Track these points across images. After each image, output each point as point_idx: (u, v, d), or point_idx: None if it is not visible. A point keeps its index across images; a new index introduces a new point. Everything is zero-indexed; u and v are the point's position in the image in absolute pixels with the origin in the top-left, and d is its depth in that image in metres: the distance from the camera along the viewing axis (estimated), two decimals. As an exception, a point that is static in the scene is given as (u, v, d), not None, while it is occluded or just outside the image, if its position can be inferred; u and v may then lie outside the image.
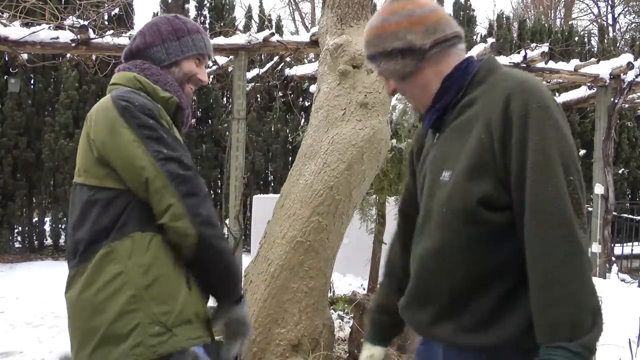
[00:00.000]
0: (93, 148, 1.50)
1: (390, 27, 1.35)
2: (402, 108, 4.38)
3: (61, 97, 8.06)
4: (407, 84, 1.38)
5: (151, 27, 1.70)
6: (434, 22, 1.34)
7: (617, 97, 7.30)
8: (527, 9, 22.29)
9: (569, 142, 1.20)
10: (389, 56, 1.35)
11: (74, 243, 1.48)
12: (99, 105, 1.52)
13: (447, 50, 1.35)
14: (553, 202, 1.16)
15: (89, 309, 1.40)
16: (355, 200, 3.35)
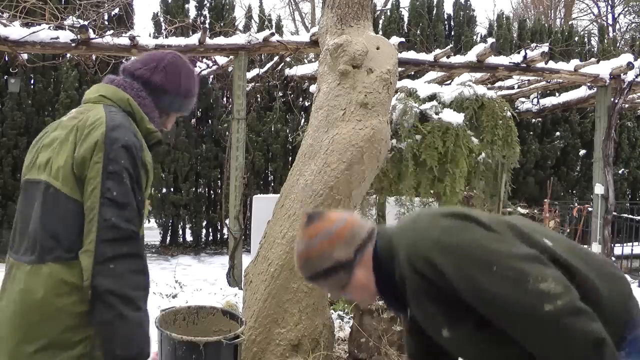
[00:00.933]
0: (72, 162, 1.54)
1: (315, 251, 1.50)
2: (402, 108, 4.38)
3: (61, 97, 8.06)
4: (349, 290, 1.54)
5: (174, 73, 1.82)
6: (349, 232, 1.51)
7: (617, 97, 7.30)
8: (527, 9, 22.29)
9: (497, 248, 1.36)
10: (324, 275, 1.51)
11: (39, 238, 1.52)
12: (92, 125, 1.57)
13: (368, 249, 1.52)
14: (562, 331, 1.32)
15: (42, 307, 1.48)
16: (355, 200, 3.35)
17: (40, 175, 1.58)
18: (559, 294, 1.26)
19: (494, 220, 1.46)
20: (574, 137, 10.37)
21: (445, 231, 1.40)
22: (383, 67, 3.38)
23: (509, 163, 4.75)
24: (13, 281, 1.55)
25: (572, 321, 1.25)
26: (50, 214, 1.53)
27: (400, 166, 4.30)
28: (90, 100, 1.73)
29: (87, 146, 1.52)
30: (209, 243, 9.28)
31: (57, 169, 1.55)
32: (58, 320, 1.49)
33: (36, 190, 1.58)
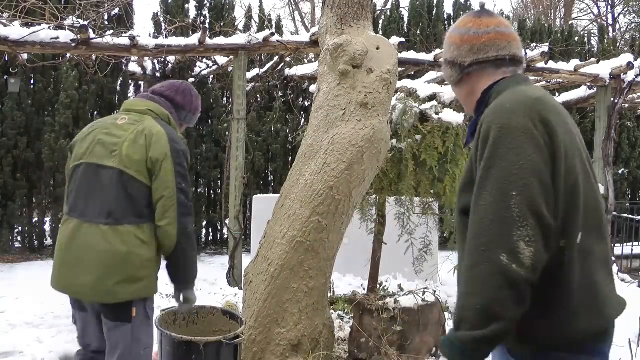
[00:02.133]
0: (147, 159, 2.28)
1: (450, 40, 1.62)
2: (402, 108, 4.38)
3: (61, 97, 8.05)
4: (456, 89, 1.65)
5: (188, 96, 2.59)
6: (481, 43, 1.54)
7: (617, 97, 7.30)
8: (527, 9, 22.29)
9: (518, 160, 1.28)
10: (445, 63, 1.64)
11: (118, 207, 2.26)
12: (157, 136, 2.31)
13: (487, 69, 1.54)
14: (477, 216, 1.31)
15: (120, 255, 2.25)
16: (355, 200, 3.35)
17: (108, 162, 2.28)
18: (530, 241, 1.25)
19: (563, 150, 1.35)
20: (574, 137, 10.38)
21: (521, 131, 1.31)
22: (383, 67, 3.38)
23: (509, 163, 4.75)
24: (86, 235, 2.26)
25: (490, 248, 1.26)
26: (124, 191, 2.26)
27: (400, 166, 4.30)
28: (138, 111, 2.42)
29: (159, 152, 2.28)
30: (209, 243, 9.27)
31: (131, 161, 2.26)
32: (131, 263, 2.25)
33: (104, 172, 2.28)
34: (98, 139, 2.38)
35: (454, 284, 5.63)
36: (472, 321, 1.25)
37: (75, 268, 2.29)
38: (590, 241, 1.36)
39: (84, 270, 2.26)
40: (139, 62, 8.68)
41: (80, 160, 2.39)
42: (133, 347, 2.38)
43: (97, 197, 2.28)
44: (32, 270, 7.00)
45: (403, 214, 4.79)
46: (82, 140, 2.47)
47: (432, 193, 4.65)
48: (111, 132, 2.38)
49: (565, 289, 1.32)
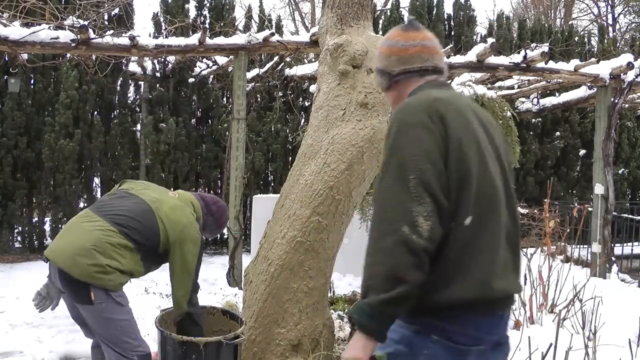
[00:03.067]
0: None
1: (380, 51, 1.84)
2: (402, 108, 4.38)
3: (61, 97, 8.05)
4: (387, 94, 1.87)
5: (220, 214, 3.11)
6: (408, 55, 1.75)
7: (617, 97, 7.30)
8: (527, 9, 22.28)
9: (415, 148, 1.49)
10: (376, 71, 1.86)
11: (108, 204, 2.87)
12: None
13: (412, 78, 1.75)
14: (381, 196, 1.51)
15: (95, 240, 2.69)
16: (355, 200, 3.35)
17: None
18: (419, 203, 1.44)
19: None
20: (574, 137, 10.37)
21: (413, 123, 1.54)
22: (383, 67, 3.38)
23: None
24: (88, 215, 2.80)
25: (392, 223, 1.44)
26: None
27: (400, 166, 4.29)
28: None
29: None
30: (209, 243, 9.27)
31: None
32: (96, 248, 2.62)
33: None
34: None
35: (454, 284, 5.56)
36: (379, 286, 1.40)
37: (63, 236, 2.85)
38: (481, 225, 1.51)
39: (66, 237, 2.81)
40: (139, 62, 8.68)
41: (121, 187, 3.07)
42: (105, 326, 2.66)
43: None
44: (32, 270, 6.99)
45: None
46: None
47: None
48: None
49: (445, 261, 1.48)
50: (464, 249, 1.48)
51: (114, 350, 2.67)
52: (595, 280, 5.14)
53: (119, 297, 2.68)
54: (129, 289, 6.44)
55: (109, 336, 2.68)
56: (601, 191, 7.22)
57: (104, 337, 2.69)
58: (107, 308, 2.61)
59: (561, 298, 4.47)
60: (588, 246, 7.55)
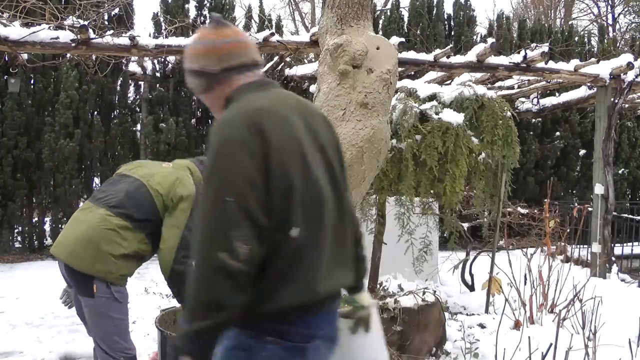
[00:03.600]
0: None
1: (192, 51, 1.71)
2: (402, 108, 4.38)
3: (61, 97, 8.05)
4: (205, 96, 1.74)
5: None
6: (226, 52, 1.68)
7: (617, 97, 7.30)
8: (527, 9, 22.28)
9: (232, 170, 1.46)
10: (191, 74, 1.72)
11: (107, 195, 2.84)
12: None
13: (232, 76, 1.68)
14: (199, 222, 1.48)
15: (99, 235, 2.69)
16: (355, 200, 3.35)
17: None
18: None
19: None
20: (574, 137, 10.37)
21: (229, 132, 1.52)
22: (383, 67, 3.38)
23: (509, 163, 4.74)
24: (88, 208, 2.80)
25: (208, 249, 1.44)
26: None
27: (400, 166, 4.30)
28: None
29: None
30: (209, 243, 9.26)
31: None
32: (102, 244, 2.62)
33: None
34: None
35: (454, 284, 5.64)
36: (201, 313, 1.44)
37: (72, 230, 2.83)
38: (308, 233, 1.54)
39: (74, 233, 2.79)
40: (139, 62, 8.68)
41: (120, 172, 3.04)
42: (100, 322, 2.66)
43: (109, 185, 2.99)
44: (32, 270, 7.00)
45: (403, 214, 4.79)
46: None
47: (432, 193, 4.64)
48: None
49: (273, 271, 1.51)
50: (291, 259, 1.52)
51: (101, 349, 2.68)
52: (595, 280, 5.14)
53: (119, 294, 2.66)
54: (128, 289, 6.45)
55: (101, 333, 2.69)
56: (601, 191, 7.22)
57: (96, 334, 2.71)
58: (105, 303, 2.61)
59: (561, 298, 4.47)
60: (588, 246, 7.55)
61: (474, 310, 5.02)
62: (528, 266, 4.55)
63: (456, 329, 4.27)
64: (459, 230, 4.86)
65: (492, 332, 4.10)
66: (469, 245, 5.87)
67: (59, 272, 2.75)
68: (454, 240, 4.76)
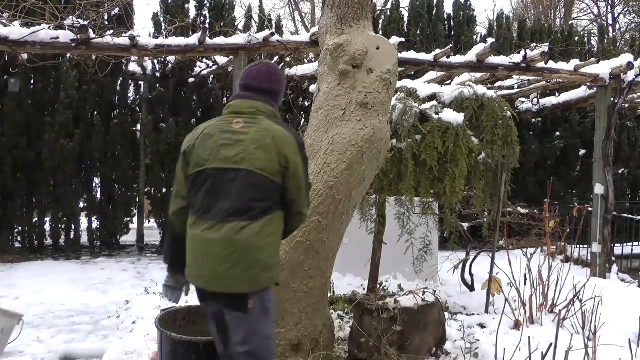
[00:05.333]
0: (279, 159, 2.39)
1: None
2: (402, 108, 4.38)
3: (61, 97, 8.05)
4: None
5: (279, 77, 2.66)
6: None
7: (617, 97, 7.30)
8: (527, 9, 22.28)
9: None
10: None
11: (250, 207, 2.33)
12: (284, 136, 2.43)
13: None
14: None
15: (258, 249, 2.32)
16: (355, 200, 3.35)
17: (236, 165, 2.36)
18: None
19: None
20: (574, 137, 10.37)
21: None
22: (383, 67, 3.38)
23: (509, 163, 4.75)
24: (226, 232, 2.30)
25: None
26: (255, 190, 2.35)
27: (400, 166, 4.30)
28: (247, 113, 2.47)
29: (289, 150, 2.41)
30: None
31: (259, 161, 2.36)
32: (265, 253, 2.34)
33: (233, 174, 2.35)
34: (221, 144, 2.40)
35: (454, 284, 5.64)
36: None
37: (218, 260, 2.32)
38: None
39: (223, 264, 2.31)
40: (139, 62, 8.68)
41: (205, 167, 2.41)
42: (254, 338, 2.36)
43: (229, 198, 2.34)
44: (32, 270, 7.00)
45: (403, 214, 4.79)
46: (201, 146, 2.44)
47: (432, 193, 4.64)
48: (231, 136, 2.41)
49: None
50: None
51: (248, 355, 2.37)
52: (595, 280, 5.14)
53: (270, 303, 2.40)
54: (128, 289, 6.45)
55: (256, 349, 2.36)
56: (601, 191, 7.22)
57: (249, 350, 2.36)
58: (259, 319, 2.35)
59: (561, 298, 4.47)
60: (588, 246, 7.55)
61: (474, 310, 5.02)
62: (528, 266, 4.55)
63: (456, 329, 4.27)
64: (459, 230, 4.86)
65: (492, 332, 4.11)
66: (469, 245, 5.87)
67: (59, 271, 2.72)
68: (454, 240, 4.76)
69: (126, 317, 4.91)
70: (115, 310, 5.24)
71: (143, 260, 7.97)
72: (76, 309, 5.34)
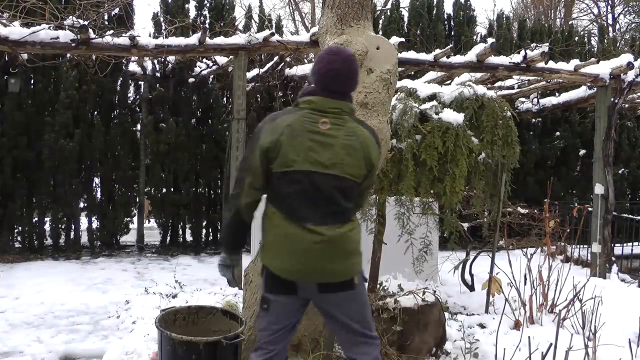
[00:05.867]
0: (366, 163, 2.48)
1: None
2: (402, 108, 4.37)
3: (61, 97, 8.05)
4: None
5: (358, 71, 2.60)
6: None
7: (617, 97, 7.30)
8: (527, 9, 22.28)
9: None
10: None
11: (335, 209, 2.44)
12: (369, 140, 2.51)
13: None
14: None
15: (353, 241, 2.50)
16: (355, 200, 3.34)
17: (327, 170, 2.39)
18: None
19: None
20: (574, 137, 10.37)
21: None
22: (383, 67, 3.38)
23: (509, 163, 4.74)
24: (316, 233, 2.40)
25: None
26: (343, 194, 2.43)
27: (400, 166, 4.30)
28: (333, 113, 2.46)
29: (374, 155, 2.52)
30: (209, 243, 9.27)
31: (348, 166, 2.42)
32: (356, 250, 2.52)
33: (326, 180, 2.40)
34: (309, 146, 2.40)
35: (454, 284, 5.63)
36: None
37: (324, 260, 2.44)
38: None
39: (334, 260, 2.46)
40: (139, 62, 8.68)
41: (293, 167, 2.41)
42: (363, 309, 2.61)
43: (321, 201, 2.42)
44: (32, 270, 7.00)
45: (403, 214, 4.79)
46: (288, 145, 2.40)
47: (432, 193, 4.64)
48: (320, 138, 2.41)
49: None
50: None
51: (364, 334, 2.58)
52: (595, 280, 5.14)
53: (364, 273, 2.67)
54: (128, 289, 6.44)
55: (364, 318, 2.58)
56: (601, 191, 7.22)
57: (361, 322, 2.56)
58: (363, 289, 2.61)
59: (561, 298, 4.47)
60: (588, 246, 7.55)
61: (474, 310, 5.02)
62: (528, 266, 4.55)
63: (456, 329, 4.27)
64: (459, 230, 4.86)
65: (492, 332, 4.10)
66: (469, 245, 5.87)
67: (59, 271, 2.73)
68: (454, 240, 4.76)
69: (126, 317, 4.91)
70: (115, 310, 5.24)
71: (143, 260, 7.97)
72: (76, 309, 5.34)
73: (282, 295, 2.56)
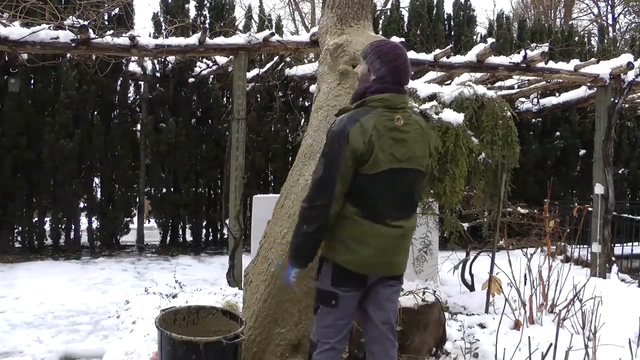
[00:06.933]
0: (429, 152, 2.60)
1: None
2: (402, 108, 4.37)
3: (61, 97, 8.05)
4: None
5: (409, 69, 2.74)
6: None
7: (617, 97, 7.30)
8: (527, 9, 22.29)
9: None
10: None
11: (410, 201, 2.58)
12: (429, 130, 2.66)
13: None
14: None
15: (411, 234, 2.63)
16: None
17: (403, 165, 2.47)
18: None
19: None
20: (574, 137, 10.37)
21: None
22: (383, 67, 3.37)
23: (509, 163, 4.74)
24: (397, 227, 2.50)
25: None
26: (415, 185, 2.56)
27: (400, 166, 4.29)
28: (401, 108, 2.55)
29: (432, 141, 2.66)
30: (209, 243, 9.27)
31: (422, 160, 2.55)
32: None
33: (405, 175, 2.49)
34: (391, 144, 2.45)
35: (454, 284, 5.63)
36: None
37: (395, 253, 2.55)
38: None
39: (399, 253, 2.58)
40: (139, 62, 8.68)
41: (381, 168, 2.44)
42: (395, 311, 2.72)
43: (400, 195, 2.51)
44: (32, 270, 7.00)
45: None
46: (378, 146, 2.42)
47: (432, 193, 4.64)
48: (397, 134, 2.48)
49: None
50: None
51: (394, 333, 2.62)
52: (595, 280, 5.14)
53: None
54: (128, 289, 6.44)
55: (394, 319, 2.66)
56: (601, 191, 7.22)
57: (392, 322, 2.63)
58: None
59: (561, 298, 4.47)
60: (588, 246, 7.55)
61: (474, 310, 5.02)
62: (528, 266, 4.55)
63: (456, 329, 4.27)
64: (459, 230, 4.86)
65: (492, 332, 4.11)
66: (469, 245, 5.87)
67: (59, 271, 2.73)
68: (454, 240, 4.76)
69: (126, 317, 4.91)
70: (115, 310, 5.24)
71: (143, 260, 7.97)
72: (76, 309, 5.34)
73: (351, 290, 2.53)
